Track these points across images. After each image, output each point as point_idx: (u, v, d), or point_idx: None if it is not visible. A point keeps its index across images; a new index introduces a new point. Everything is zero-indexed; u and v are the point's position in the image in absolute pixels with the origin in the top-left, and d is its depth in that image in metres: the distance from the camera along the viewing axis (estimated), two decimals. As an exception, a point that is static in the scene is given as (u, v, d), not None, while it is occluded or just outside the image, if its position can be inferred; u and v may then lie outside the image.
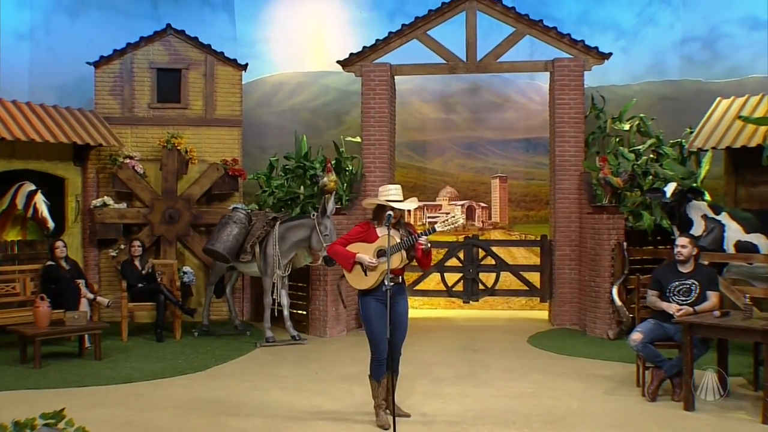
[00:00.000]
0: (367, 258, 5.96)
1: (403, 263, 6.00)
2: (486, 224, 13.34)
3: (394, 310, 5.93)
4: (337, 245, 6.17)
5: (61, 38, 12.43)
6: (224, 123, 11.75)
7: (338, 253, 6.12)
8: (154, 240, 11.25)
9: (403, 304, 6.14)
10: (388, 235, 5.84)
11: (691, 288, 6.93)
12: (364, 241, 6.09)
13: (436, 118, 13.58)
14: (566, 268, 11.06)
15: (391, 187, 6.11)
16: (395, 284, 5.98)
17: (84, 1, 12.62)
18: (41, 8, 12.51)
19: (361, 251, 6.01)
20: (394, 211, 5.98)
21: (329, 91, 13.70)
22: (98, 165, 11.35)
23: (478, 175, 13.47)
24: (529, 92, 13.42)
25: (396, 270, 5.98)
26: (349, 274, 6.12)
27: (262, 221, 9.92)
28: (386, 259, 5.81)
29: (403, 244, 5.91)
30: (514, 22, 11.32)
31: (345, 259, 6.07)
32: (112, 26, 12.33)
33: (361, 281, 6.06)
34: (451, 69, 11.52)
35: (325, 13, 13.78)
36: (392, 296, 5.84)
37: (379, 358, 6.01)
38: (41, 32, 12.52)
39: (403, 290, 6.17)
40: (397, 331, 6.04)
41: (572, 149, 11.08)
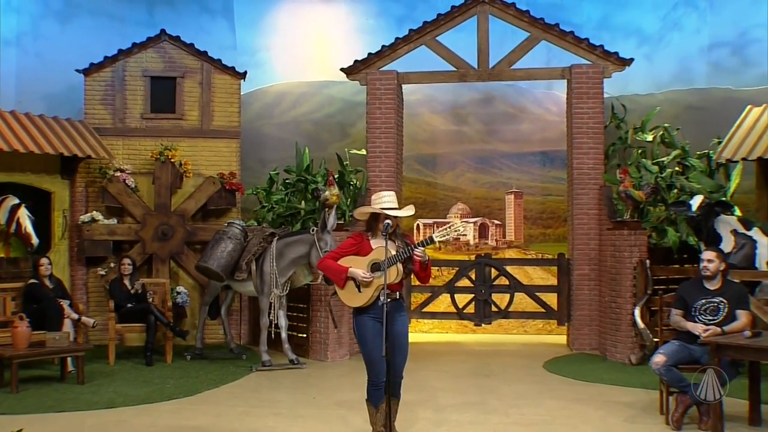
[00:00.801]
0: (360, 272, 5.74)
1: (399, 277, 5.75)
2: (500, 243, 13.13)
3: (393, 328, 5.71)
4: (328, 259, 5.96)
5: (50, 45, 12.41)
6: (221, 134, 11.63)
7: (329, 268, 5.90)
8: (146, 258, 11.09)
9: (402, 323, 5.89)
10: (385, 247, 5.63)
11: (719, 306, 6.69)
12: (357, 254, 5.87)
13: (447, 130, 13.44)
14: (585, 288, 10.82)
15: (384, 194, 5.90)
16: (393, 300, 5.75)
17: (75, 5, 12.59)
18: (29, 13, 12.49)
19: (353, 265, 5.80)
20: (384, 215, 5.76)
21: (333, 101, 13.61)
22: (87, 178, 11.24)
23: (492, 191, 13.29)
24: (545, 102, 13.25)
25: (393, 285, 5.74)
26: (342, 290, 5.90)
27: (259, 237, 9.75)
28: (382, 272, 5.60)
29: (399, 256, 5.67)
30: (528, 26, 11.18)
31: (336, 274, 5.85)
32: (105, 33, 12.29)
33: (354, 298, 5.84)
34: (461, 77, 11.38)
35: (330, 20, 13.72)
36: (389, 313, 5.61)
37: (375, 381, 5.78)
38: (29, 38, 12.50)
39: (401, 307, 5.92)
40: (397, 352, 5.78)
41: (591, 161, 10.88)
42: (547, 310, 11.23)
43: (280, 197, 11.56)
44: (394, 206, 5.83)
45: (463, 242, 13.17)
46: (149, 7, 13.19)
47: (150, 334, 9.76)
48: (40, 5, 12.52)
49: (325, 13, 13.73)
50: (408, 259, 5.79)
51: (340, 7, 13.73)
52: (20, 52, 12.33)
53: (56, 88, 12.06)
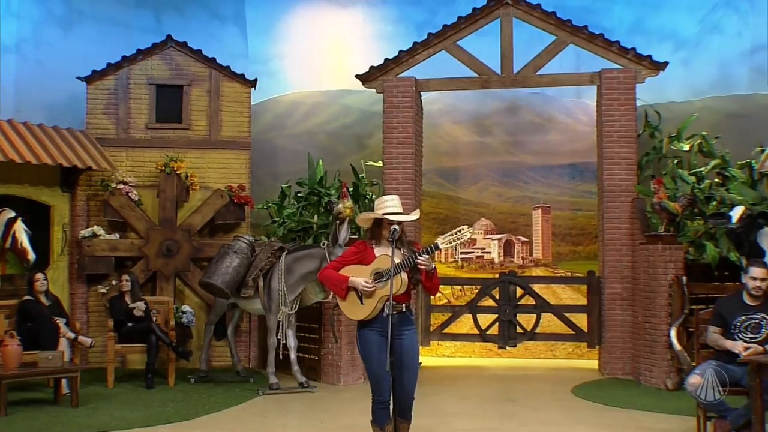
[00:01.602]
0: (361, 281, 5.55)
1: (403, 287, 5.54)
2: (527, 261, 12.92)
3: (399, 343, 5.52)
4: (329, 269, 5.80)
5: (52, 52, 12.39)
6: (230, 145, 11.56)
7: (329, 278, 5.74)
8: (150, 275, 10.99)
9: (410, 337, 5.67)
10: (392, 254, 5.44)
11: (761, 323, 6.42)
12: (360, 263, 5.70)
13: (470, 142, 13.28)
14: (617, 308, 10.55)
15: (387, 198, 5.73)
16: (398, 313, 5.55)
17: (78, 11, 12.60)
18: (30, 18, 12.51)
19: (356, 275, 5.63)
20: (387, 221, 5.60)
21: (350, 111, 13.52)
22: (89, 191, 11.18)
23: (518, 206, 13.10)
24: (575, 111, 13.06)
25: (399, 296, 5.55)
26: (343, 302, 5.72)
27: (267, 252, 9.61)
28: (385, 281, 5.44)
29: (404, 264, 5.47)
30: (554, 29, 11.01)
31: (337, 284, 5.68)
32: (110, 40, 12.26)
33: (356, 310, 5.66)
34: (484, 83, 11.22)
35: (346, 26, 13.66)
36: (395, 326, 5.42)
37: (380, 400, 5.57)
38: (29, 45, 12.51)
39: (409, 321, 5.71)
40: (405, 369, 5.57)
41: (623, 172, 10.64)
42: (576, 331, 10.97)
43: (292, 211, 11.43)
44: (398, 211, 5.67)
45: (487, 260, 12.97)
46: (156, 13, 13.19)
47: (151, 354, 9.63)
48: (41, 10, 12.55)
49: (342, 20, 13.67)
50: (415, 268, 5.57)
51: (357, 13, 13.67)
52: (20, 60, 12.32)
53: (57, 97, 12.02)
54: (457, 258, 13.07)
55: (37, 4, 12.53)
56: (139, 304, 9.83)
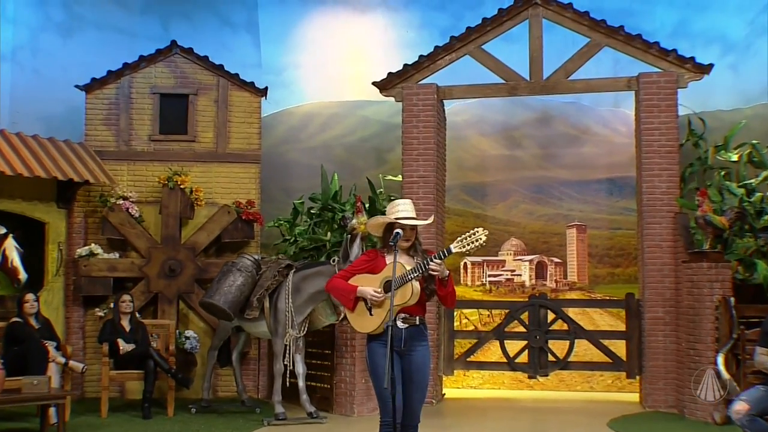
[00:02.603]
0: (370, 290, 5.42)
1: (415, 297, 5.36)
2: (561, 284, 12.61)
3: (408, 359, 5.42)
4: (337, 278, 5.69)
5: (50, 60, 12.38)
6: (239, 158, 11.45)
7: (336, 288, 5.64)
8: (151, 297, 10.83)
9: (421, 353, 5.50)
10: (394, 260, 5.29)
11: (815, 344, 6.05)
12: (370, 272, 5.57)
13: (498, 155, 13.06)
14: (659, 334, 10.16)
15: (399, 202, 5.65)
16: (410, 326, 5.43)
17: (79, 18, 12.60)
18: (26, 25, 12.51)
19: (365, 284, 5.50)
20: (404, 229, 5.45)
21: (369, 123, 13.39)
22: (87, 207, 11.07)
23: (550, 224, 12.84)
24: (612, 122, 12.80)
25: (411, 307, 5.42)
26: (352, 314, 5.60)
27: (273, 270, 9.39)
28: (395, 290, 5.29)
29: (414, 271, 5.32)
30: (588, 30, 10.76)
31: (344, 294, 5.57)
32: (113, 48, 12.17)
33: (365, 322, 5.52)
34: (511, 90, 10.98)
35: (365, 33, 13.57)
36: (405, 341, 5.36)
37: (388, 421, 5.33)
38: (26, 53, 12.49)
39: (422, 335, 5.54)
40: (413, 388, 5.43)
41: (663, 185, 10.31)
42: (614, 360, 10.59)
43: (304, 229, 11.23)
44: (410, 215, 5.54)
45: (517, 283, 12.67)
46: (163, 20, 13.17)
47: (148, 381, 9.44)
48: (39, 16, 12.56)
49: (361, 26, 13.58)
50: (431, 278, 5.44)
51: (378, 19, 13.58)
52: (16, 68, 12.30)
53: (56, 108, 11.98)
54: (484, 281, 12.77)
55: (35, 10, 12.55)
56: (125, 346, 9.62)
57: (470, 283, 12.77)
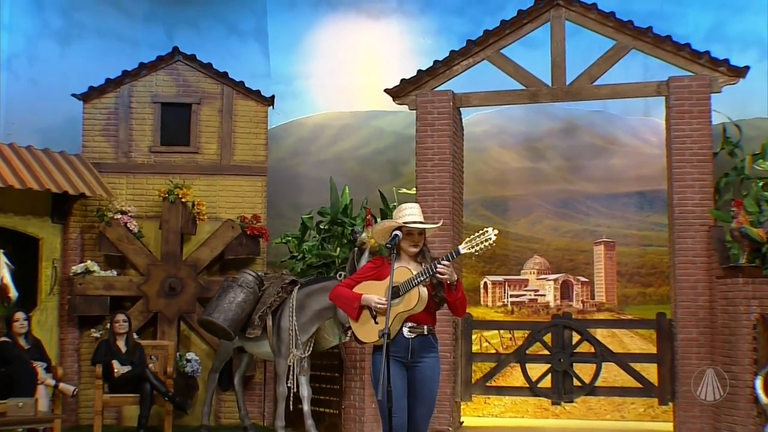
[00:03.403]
0: (375, 298, 5.38)
1: (421, 304, 5.31)
2: (587, 305, 12.39)
3: (415, 371, 5.41)
4: (341, 287, 5.69)
5: (47, 69, 12.39)
6: (244, 171, 11.42)
7: (340, 296, 5.64)
8: (150, 317, 10.72)
9: (429, 366, 5.48)
10: (392, 262, 5.30)
11: None
12: (377, 280, 5.54)
13: (521, 168, 12.90)
14: (693, 356, 9.81)
15: (406, 206, 5.64)
16: (418, 336, 5.41)
17: (78, 25, 12.63)
18: (22, 32, 12.54)
19: (371, 291, 5.46)
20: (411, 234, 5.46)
21: (383, 135, 13.31)
22: (83, 222, 11.02)
23: (576, 241, 12.64)
24: (642, 131, 12.58)
25: (419, 316, 5.39)
26: (356, 323, 5.55)
27: (277, 286, 9.25)
28: (399, 299, 5.32)
29: (420, 276, 5.28)
30: (614, 32, 10.53)
31: (348, 303, 5.57)
32: (114, 57, 12.14)
33: (370, 331, 5.47)
34: (532, 96, 10.78)
35: (380, 40, 13.51)
36: (413, 352, 5.36)
37: (384, 438, 5.20)
38: (21, 61, 12.52)
39: (431, 347, 5.50)
40: (419, 402, 5.39)
41: (696, 196, 10.03)
42: (644, 385, 10.26)
43: (312, 244, 11.09)
44: (418, 219, 5.54)
45: (541, 304, 12.47)
46: (168, 28, 13.17)
47: (144, 406, 9.38)
48: (36, 23, 12.59)
49: (375, 33, 13.53)
50: (439, 284, 5.41)
51: (392, 26, 13.51)
52: (11, 77, 12.33)
53: (53, 119, 12.02)
54: (506, 302, 12.56)
55: (32, 16, 12.58)
56: (120, 368, 9.47)
57: (491, 304, 12.57)
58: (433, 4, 13.42)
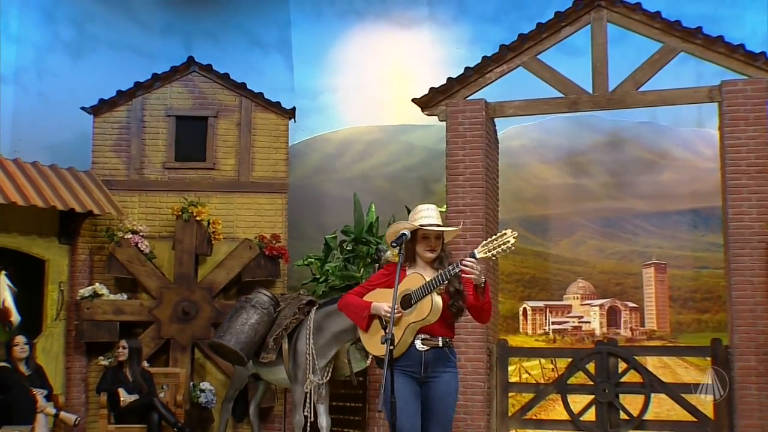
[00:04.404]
0: (384, 306, 5.21)
1: (434, 314, 5.14)
2: (637, 332, 12.25)
3: (429, 387, 5.24)
4: (351, 295, 5.59)
5: (58, 83, 12.52)
6: (264, 188, 11.39)
7: (348, 305, 5.55)
8: (162, 344, 10.65)
9: (446, 382, 5.31)
10: (398, 266, 5.14)
11: None
12: (389, 287, 5.35)
13: (562, 185, 12.87)
14: (752, 386, 9.47)
15: (423, 207, 5.51)
16: (432, 348, 5.24)
17: (91, 37, 12.79)
18: (32, 44, 12.66)
19: (382, 299, 5.31)
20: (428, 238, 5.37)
21: (414, 150, 13.35)
22: (93, 243, 11.01)
23: (624, 263, 12.56)
24: (695, 144, 12.51)
25: (432, 327, 5.22)
26: (366, 334, 5.43)
27: (293, 307, 9.08)
28: (411, 309, 5.20)
29: (433, 282, 5.11)
30: (661, 34, 10.30)
31: (357, 312, 5.46)
32: (128, 71, 12.14)
33: (379, 345, 5.23)
34: (572, 105, 10.56)
35: (410, 51, 13.63)
36: (426, 366, 5.20)
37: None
38: (30, 75, 12.63)
39: (446, 360, 5.35)
40: (432, 421, 5.23)
41: (753, 210, 9.73)
42: (699, 418, 9.89)
43: (335, 265, 10.97)
44: (435, 222, 5.41)
45: (585, 332, 12.32)
46: (186, 40, 13.32)
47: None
48: (46, 35, 12.74)
49: (405, 43, 13.65)
50: (457, 293, 5.23)
51: (423, 35, 13.63)
52: (19, 91, 12.43)
53: (63, 136, 12.12)
54: (547, 329, 12.38)
55: (41, 28, 12.75)
56: (127, 396, 9.36)
57: (531, 332, 12.50)
58: (466, 11, 13.44)
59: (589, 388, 10.18)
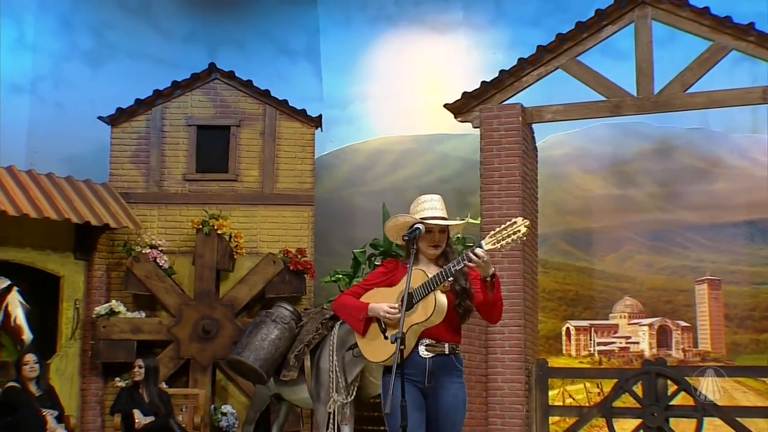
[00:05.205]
0: (384, 306, 4.92)
1: (439, 315, 4.83)
2: (689, 353, 12.00)
3: (434, 400, 4.94)
4: (346, 295, 5.30)
5: (75, 93, 12.56)
6: (289, 200, 11.40)
7: (344, 306, 5.25)
8: (181, 364, 10.59)
9: (451, 393, 4.99)
10: (409, 264, 4.86)
11: None
12: (389, 286, 5.14)
13: (607, 196, 12.70)
14: (816, 409, 9.25)
15: (425, 198, 5.31)
16: (437, 355, 4.94)
17: (110, 46, 12.85)
18: (49, 52, 12.72)
19: (381, 299, 5.03)
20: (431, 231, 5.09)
21: (448, 161, 13.24)
22: (110, 259, 11.05)
23: (674, 279, 12.33)
24: (751, 150, 12.21)
25: (437, 330, 4.92)
26: (363, 339, 5.12)
27: (316, 322, 8.93)
28: (412, 309, 4.89)
29: (437, 279, 4.80)
30: (710, 31, 10.12)
31: (353, 314, 5.15)
32: (150, 80, 12.08)
33: (379, 349, 5.02)
34: (614, 108, 10.42)
35: (444, 57, 13.58)
36: (430, 375, 4.90)
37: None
38: (47, 84, 12.67)
39: (453, 369, 5.02)
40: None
41: (813, 219, 9.52)
42: (756, 444, 9.66)
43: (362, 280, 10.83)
44: (440, 214, 5.19)
45: (634, 353, 12.09)
46: (210, 48, 13.34)
47: (167, 460, 9.09)
48: (64, 43, 12.79)
49: (440, 49, 13.60)
50: (464, 292, 4.91)
51: (459, 40, 13.58)
52: (35, 102, 12.48)
53: (81, 148, 12.16)
54: (592, 350, 12.18)
55: (59, 36, 12.81)
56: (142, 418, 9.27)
57: (574, 353, 12.30)
58: (504, 14, 13.36)
59: (636, 411, 9.98)
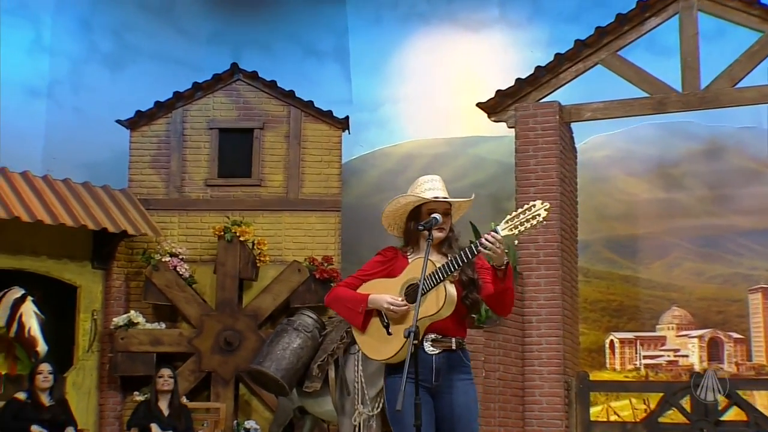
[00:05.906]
0: (387, 298, 4.72)
1: (449, 307, 4.64)
2: (744, 367, 11.83)
3: (443, 400, 4.77)
4: (341, 287, 5.03)
5: (95, 97, 12.59)
6: (315, 206, 11.42)
7: (340, 299, 5.00)
8: (203, 377, 10.58)
9: (463, 391, 4.82)
10: (425, 254, 4.62)
11: None
12: (389, 276, 4.92)
13: (652, 200, 12.57)
14: None
15: (426, 178, 5.06)
16: (444, 351, 4.77)
17: (131, 48, 12.91)
18: (67, 55, 12.79)
19: (382, 291, 4.82)
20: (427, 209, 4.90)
21: (483, 165, 13.18)
22: (129, 268, 11.09)
23: (726, 288, 12.17)
24: None
25: (443, 324, 4.73)
26: (363, 335, 4.92)
27: (341, 330, 8.83)
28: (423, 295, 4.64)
29: (447, 267, 4.61)
30: (760, 22, 10.04)
31: (351, 307, 4.91)
32: (172, 83, 12.11)
33: (381, 346, 4.83)
34: (658, 105, 10.32)
35: (479, 56, 13.54)
36: (438, 373, 4.73)
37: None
38: (65, 88, 12.73)
39: (461, 366, 4.85)
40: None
41: None
42: (813, 461, 9.44)
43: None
44: (441, 194, 4.95)
45: (683, 367, 11.91)
46: (235, 50, 13.35)
47: (186, 479, 9.06)
48: (82, 46, 12.86)
49: (474, 48, 13.57)
50: (471, 283, 4.73)
51: (495, 38, 13.56)
52: (52, 106, 12.53)
53: (100, 154, 12.20)
54: (638, 364, 12.03)
55: (77, 39, 12.88)
56: None
57: (619, 367, 12.17)
58: (542, 10, 13.30)
59: (684, 427, 9.87)
